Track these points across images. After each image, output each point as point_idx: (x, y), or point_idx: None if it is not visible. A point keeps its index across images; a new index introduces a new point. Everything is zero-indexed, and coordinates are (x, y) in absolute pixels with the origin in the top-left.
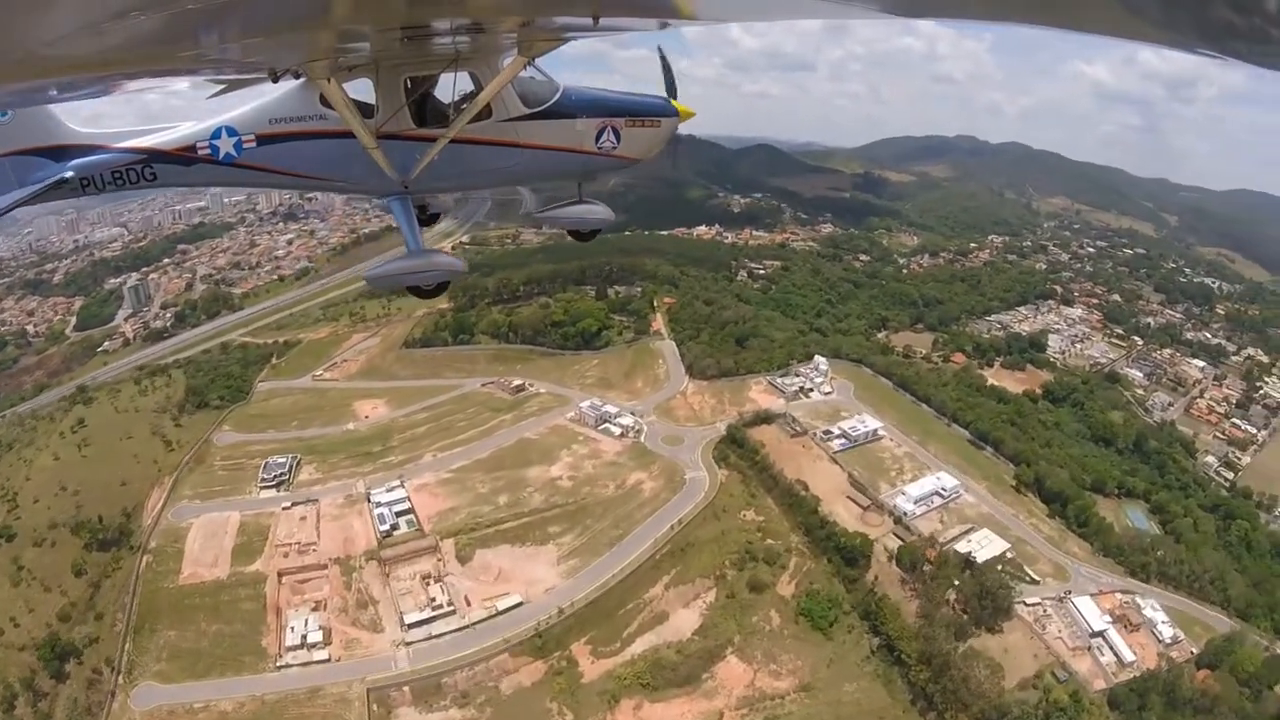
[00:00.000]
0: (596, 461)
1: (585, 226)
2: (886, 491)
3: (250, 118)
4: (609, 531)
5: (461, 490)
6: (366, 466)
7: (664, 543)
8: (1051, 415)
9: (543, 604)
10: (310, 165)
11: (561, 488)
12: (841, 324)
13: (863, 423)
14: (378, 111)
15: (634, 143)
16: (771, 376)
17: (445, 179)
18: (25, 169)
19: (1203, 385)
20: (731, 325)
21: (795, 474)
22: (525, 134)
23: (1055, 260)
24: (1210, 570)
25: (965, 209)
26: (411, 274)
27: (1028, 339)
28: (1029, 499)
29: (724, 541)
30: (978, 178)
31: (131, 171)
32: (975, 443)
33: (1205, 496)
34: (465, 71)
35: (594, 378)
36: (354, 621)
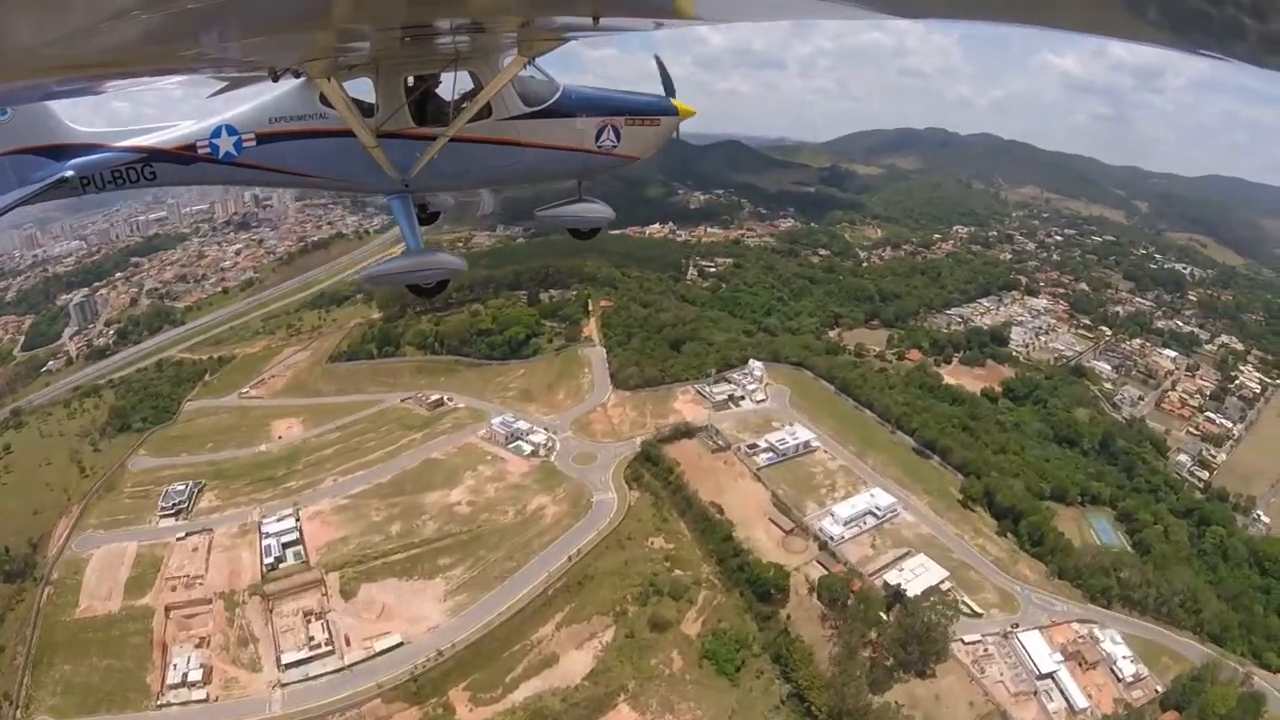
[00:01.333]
0: (500, 484)
1: (585, 225)
2: (814, 512)
3: (250, 116)
4: (502, 563)
5: (355, 518)
6: (267, 492)
7: (559, 576)
8: (1012, 415)
9: (424, 644)
10: (310, 164)
11: (458, 514)
12: (791, 322)
13: (793, 434)
14: (378, 110)
15: (634, 141)
16: (700, 384)
17: (445, 178)
18: (25, 168)
19: (1174, 377)
20: (669, 328)
21: (712, 494)
22: (525, 133)
23: (1021, 250)
24: (1181, 591)
25: (931, 200)
26: (411, 272)
27: (989, 333)
28: (978, 514)
29: (626, 573)
30: (946, 169)
31: (131, 171)
32: (921, 451)
33: (1177, 500)
34: (465, 70)
35: (516, 390)
36: (234, 660)
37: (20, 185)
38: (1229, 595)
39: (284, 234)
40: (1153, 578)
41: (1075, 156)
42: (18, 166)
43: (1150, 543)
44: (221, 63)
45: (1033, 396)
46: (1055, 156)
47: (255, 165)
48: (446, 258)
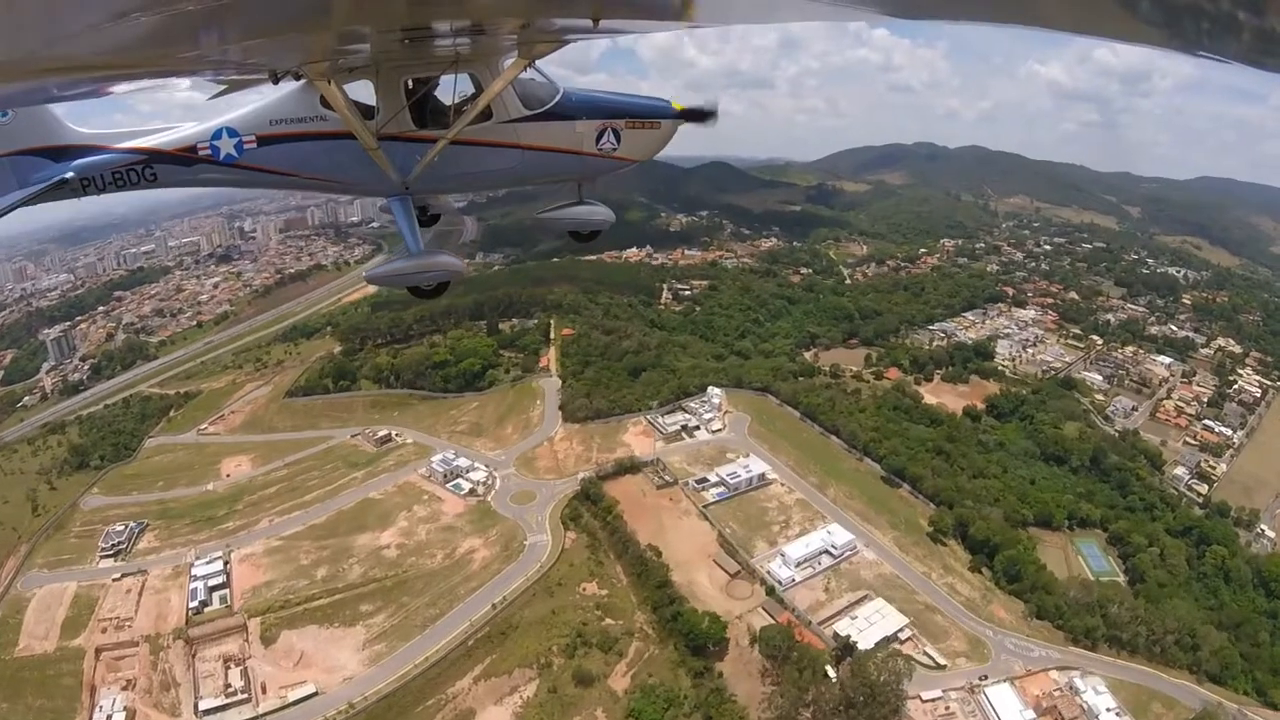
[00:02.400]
0: (432, 526)
1: (586, 228)
2: (763, 553)
3: (251, 119)
4: (424, 611)
5: (284, 561)
6: (204, 533)
7: (481, 625)
8: (996, 433)
9: (338, 695)
10: (311, 166)
11: (385, 558)
12: (765, 344)
13: (746, 466)
14: (378, 113)
15: (634, 144)
16: (654, 414)
17: (446, 180)
18: (26, 169)
19: (1170, 384)
20: (630, 355)
21: (653, 535)
22: (525, 135)
23: (1009, 260)
24: (1176, 625)
25: (918, 214)
26: (411, 274)
27: (973, 347)
28: (949, 549)
29: (553, 622)
30: (935, 183)
31: (132, 172)
32: (890, 480)
33: (1174, 519)
34: (465, 73)
35: (467, 424)
36: (156, 704)
37: (21, 187)
38: (1231, 624)
39: (262, 266)
40: (1144, 613)
41: (1065, 165)
42: (18, 168)
43: (1144, 569)
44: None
45: (1018, 412)
46: (1044, 165)
47: (256, 167)
48: (447, 259)
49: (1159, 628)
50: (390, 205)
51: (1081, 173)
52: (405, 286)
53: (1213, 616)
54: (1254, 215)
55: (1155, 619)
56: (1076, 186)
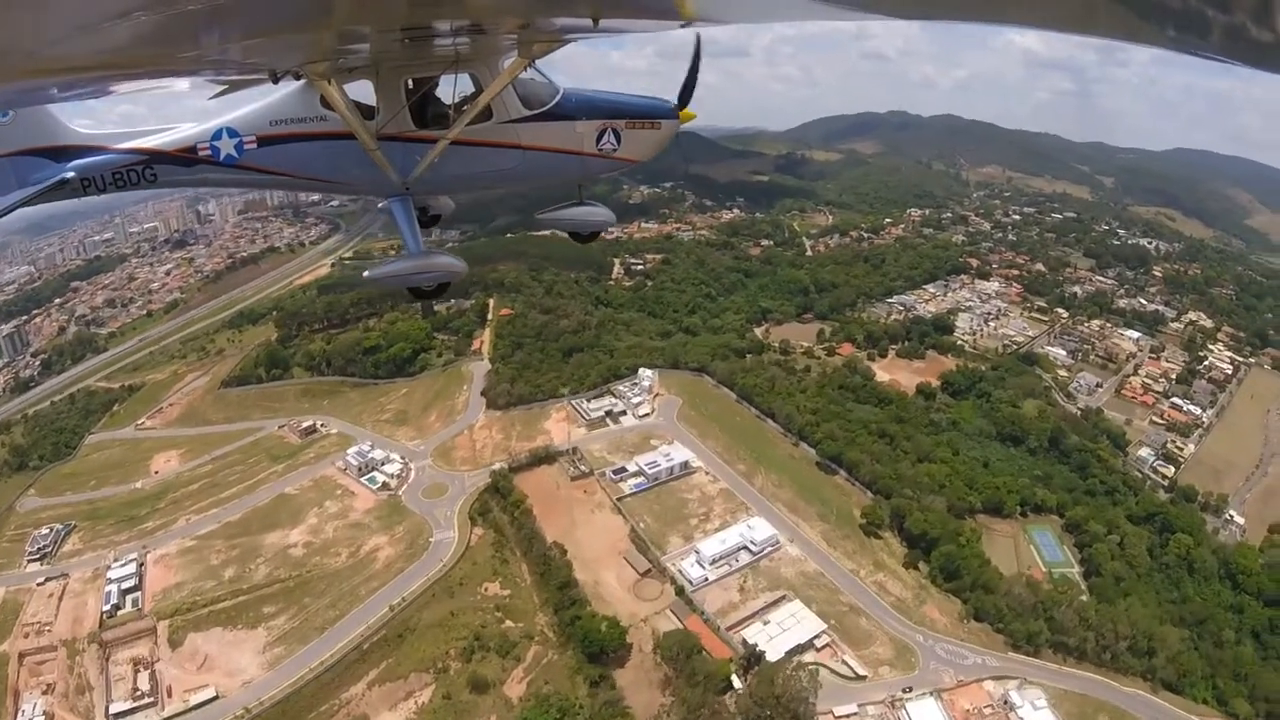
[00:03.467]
0: (341, 523)
1: (586, 228)
2: (676, 549)
3: (251, 119)
4: (325, 612)
5: (195, 562)
6: (125, 534)
7: (378, 627)
8: (950, 412)
9: (237, 699)
10: (311, 167)
11: (291, 558)
12: (715, 320)
13: (667, 454)
14: (378, 113)
15: (634, 144)
16: (580, 399)
17: (446, 180)
18: (26, 169)
19: (1137, 360)
20: (567, 336)
21: (563, 530)
22: (526, 136)
23: (976, 231)
24: (1130, 628)
25: (887, 184)
26: (411, 275)
27: (931, 321)
28: (883, 542)
29: (452, 625)
30: (907, 152)
31: (132, 172)
32: (826, 466)
33: (1137, 504)
34: (466, 73)
35: (392, 412)
36: (72, 708)
37: (21, 187)
38: (1193, 620)
39: (214, 251)
40: (1095, 615)
41: (1039, 134)
42: (18, 168)
43: (1100, 561)
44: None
45: (975, 390)
46: (1018, 135)
47: (256, 168)
48: (447, 260)
49: (1110, 631)
50: (390, 205)
51: (1055, 142)
52: (405, 287)
53: (1174, 612)
54: (1229, 188)
55: (1107, 621)
56: (1050, 156)
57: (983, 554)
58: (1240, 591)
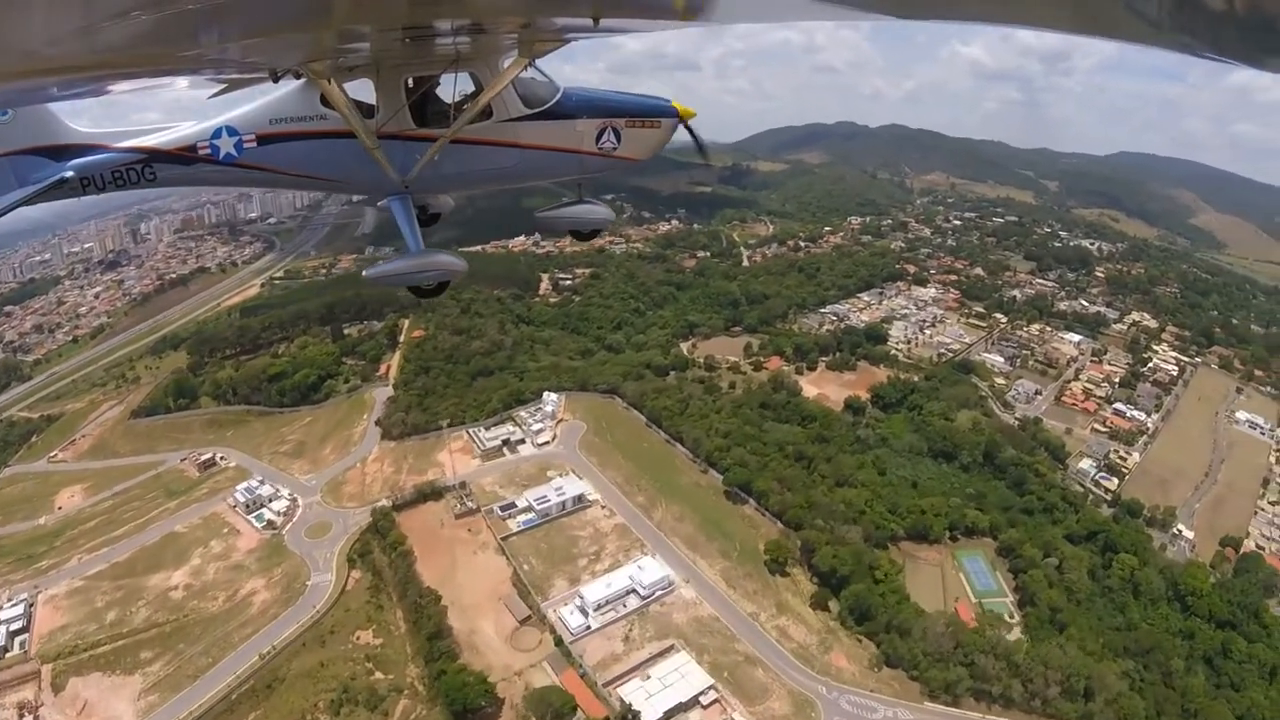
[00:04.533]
0: (223, 564)
1: (586, 227)
2: (560, 593)
3: (251, 117)
4: (199, 659)
5: (82, 603)
6: (21, 573)
7: (246, 677)
8: (880, 427)
9: None
10: (311, 165)
11: (171, 601)
12: (640, 336)
13: (559, 489)
14: (378, 111)
15: (634, 143)
16: (477, 427)
17: (446, 179)
18: (25, 169)
19: (1078, 364)
20: (478, 358)
21: (443, 573)
22: (525, 134)
23: (916, 237)
24: (1064, 668)
25: (830, 193)
26: (411, 274)
27: (864, 331)
28: (791, 580)
29: (321, 675)
30: (853, 161)
31: (132, 172)
32: (735, 495)
33: (1077, 521)
34: (466, 72)
35: (292, 444)
36: None
37: (20, 186)
38: (1139, 650)
39: (145, 272)
40: (1024, 655)
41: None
42: (18, 167)
43: (1034, 590)
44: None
45: (907, 402)
46: (963, 143)
47: (256, 166)
48: (447, 259)
49: (1041, 674)
50: (390, 204)
51: (1000, 149)
52: (405, 286)
53: (1118, 641)
54: (1173, 188)
55: (1037, 664)
56: (995, 162)
57: (902, 589)
58: (1190, 615)
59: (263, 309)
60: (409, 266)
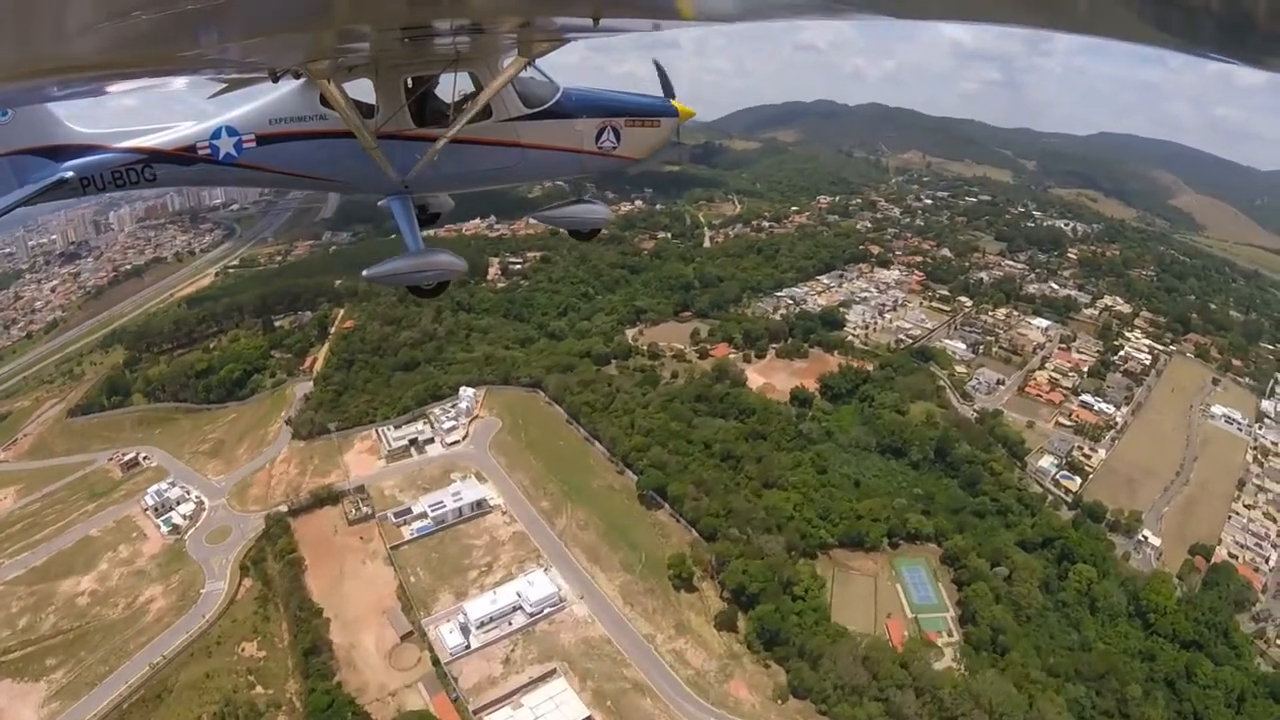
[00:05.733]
0: (127, 570)
1: (585, 226)
2: (445, 608)
3: (251, 118)
4: (97, 668)
5: None
6: None
7: (137, 687)
8: (828, 420)
9: None
10: (310, 165)
11: (77, 607)
12: (586, 322)
13: (456, 494)
14: (378, 111)
15: (634, 143)
16: (388, 426)
17: (445, 179)
18: (25, 169)
19: (1045, 351)
20: (406, 349)
21: (330, 584)
22: (525, 134)
23: (884, 217)
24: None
25: (802, 171)
26: (411, 273)
27: (819, 315)
28: (699, 596)
29: (206, 687)
30: (829, 140)
31: (131, 172)
32: (650, 499)
33: (1033, 527)
34: (465, 72)
35: (211, 443)
36: None
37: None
38: (1093, 675)
39: (101, 264)
40: (951, 691)
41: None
42: (18, 168)
43: (976, 607)
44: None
45: (858, 393)
46: (941, 121)
47: (255, 166)
48: (446, 259)
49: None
50: (390, 204)
51: (979, 128)
52: (405, 285)
53: (1069, 664)
54: (1154, 169)
55: (964, 700)
56: (973, 141)
57: (825, 606)
58: (1152, 633)
59: (209, 300)
60: (409, 266)
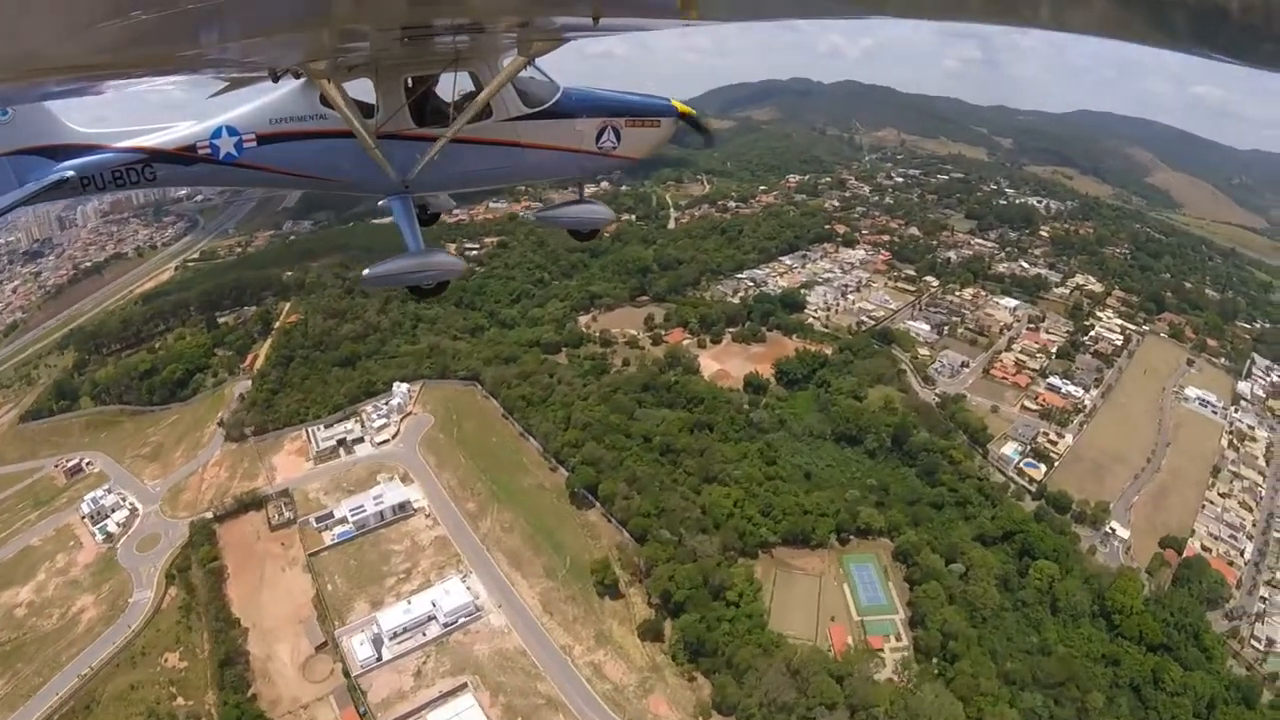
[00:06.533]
0: (62, 580)
1: (585, 226)
2: (360, 618)
3: (251, 117)
4: (33, 679)
5: None
6: None
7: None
8: (782, 407)
9: None
10: (310, 165)
11: (15, 618)
12: (539, 309)
13: (377, 498)
14: (378, 111)
15: (634, 143)
16: (318, 425)
17: (446, 178)
18: (25, 169)
19: (1012, 332)
20: (348, 343)
21: (250, 592)
22: (525, 134)
23: (854, 195)
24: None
25: (774, 150)
26: (411, 274)
27: (779, 298)
28: (625, 604)
29: (131, 699)
30: (804, 118)
31: (132, 171)
32: (584, 498)
33: (993, 520)
34: (465, 71)
35: (152, 446)
36: None
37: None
38: (1050, 682)
39: (62, 262)
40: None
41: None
42: (18, 167)
43: (926, 609)
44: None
45: (815, 378)
46: (917, 99)
47: (256, 166)
48: (446, 259)
49: None
50: (390, 204)
51: (956, 106)
52: (405, 286)
53: (1027, 670)
54: (1130, 147)
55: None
56: (949, 119)
57: (762, 611)
58: (1117, 636)
59: (164, 296)
60: (408, 266)
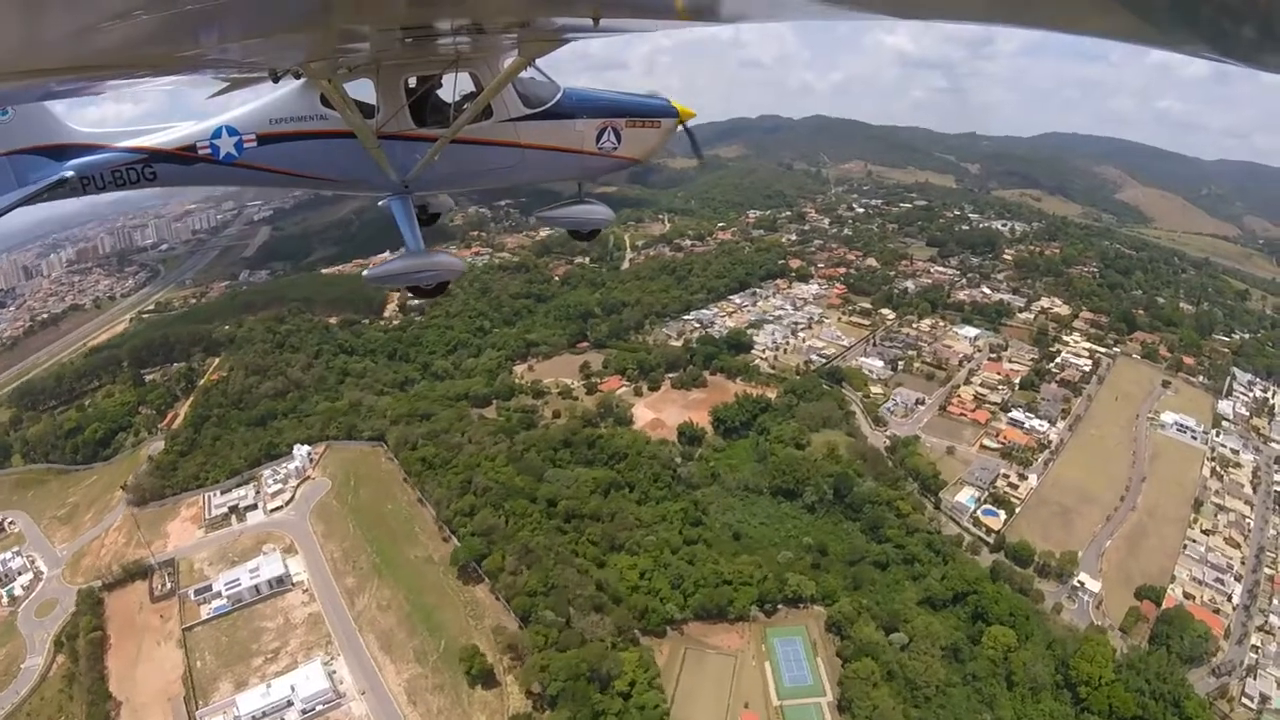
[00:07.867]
0: None
1: (586, 226)
2: (222, 699)
3: (251, 117)
4: None
5: None
6: None
7: None
8: (718, 458)
9: None
10: (311, 165)
11: None
12: (473, 359)
13: (253, 571)
14: (378, 111)
15: (634, 143)
16: (214, 491)
17: (446, 179)
18: (25, 168)
19: (972, 364)
20: (266, 401)
21: (127, 665)
22: (525, 134)
23: (812, 228)
24: None
25: (739, 187)
26: (411, 274)
27: (724, 339)
28: (500, 693)
29: None
30: (773, 154)
31: (132, 171)
32: (473, 573)
33: (942, 581)
34: (466, 72)
35: (69, 507)
36: None
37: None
38: None
39: (20, 312)
40: None
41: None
42: (18, 167)
43: (855, 692)
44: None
45: (756, 424)
46: (885, 130)
47: (256, 166)
48: (446, 259)
49: None
50: (390, 204)
51: (924, 135)
52: (405, 286)
53: None
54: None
55: None
56: (917, 148)
57: (657, 702)
58: (1084, 711)
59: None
60: (408, 266)
